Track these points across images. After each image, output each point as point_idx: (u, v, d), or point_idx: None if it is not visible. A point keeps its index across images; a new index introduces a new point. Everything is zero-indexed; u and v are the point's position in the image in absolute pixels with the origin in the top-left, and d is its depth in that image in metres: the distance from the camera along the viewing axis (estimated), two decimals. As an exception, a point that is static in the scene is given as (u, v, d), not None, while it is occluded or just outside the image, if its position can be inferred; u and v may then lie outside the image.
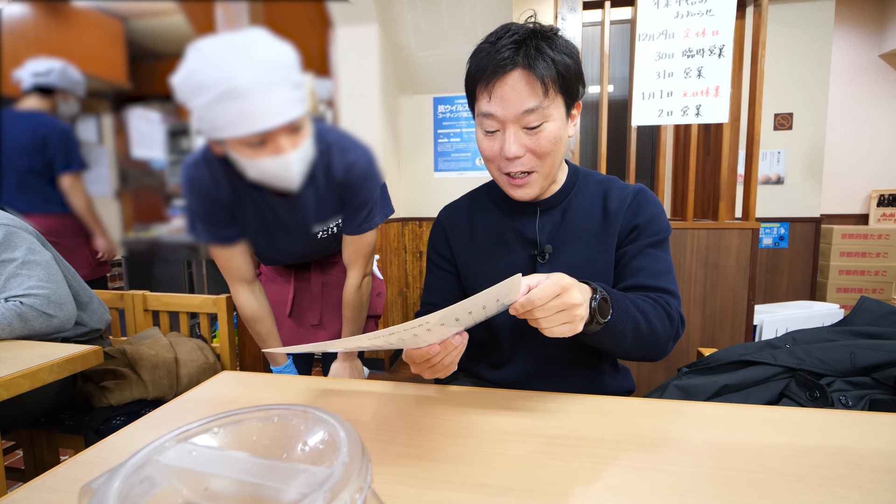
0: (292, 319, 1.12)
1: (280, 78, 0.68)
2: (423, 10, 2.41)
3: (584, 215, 0.76)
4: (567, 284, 0.51)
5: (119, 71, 3.99)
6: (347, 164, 0.87)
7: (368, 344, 0.53)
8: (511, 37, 0.64)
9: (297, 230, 0.93)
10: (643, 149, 2.98)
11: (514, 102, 0.64)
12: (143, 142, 4.85)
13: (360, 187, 0.90)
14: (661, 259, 0.73)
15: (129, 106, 4.02)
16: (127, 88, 4.13)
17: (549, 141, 0.66)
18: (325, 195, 0.90)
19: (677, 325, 0.69)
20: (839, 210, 3.57)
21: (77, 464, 0.49)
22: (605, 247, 0.74)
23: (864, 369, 0.67)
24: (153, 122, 3.57)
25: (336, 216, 0.94)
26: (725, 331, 1.72)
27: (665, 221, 0.75)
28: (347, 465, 0.20)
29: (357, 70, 2.52)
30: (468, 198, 0.87)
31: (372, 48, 2.47)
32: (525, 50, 0.63)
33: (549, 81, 0.63)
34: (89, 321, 1.21)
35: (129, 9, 3.88)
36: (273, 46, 0.70)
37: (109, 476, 0.21)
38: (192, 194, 0.86)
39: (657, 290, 0.71)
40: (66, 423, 1.14)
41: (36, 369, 0.79)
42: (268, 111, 0.68)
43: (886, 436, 0.51)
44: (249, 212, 0.90)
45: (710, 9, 1.55)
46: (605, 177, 0.80)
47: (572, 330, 0.53)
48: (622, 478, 0.44)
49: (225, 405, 0.66)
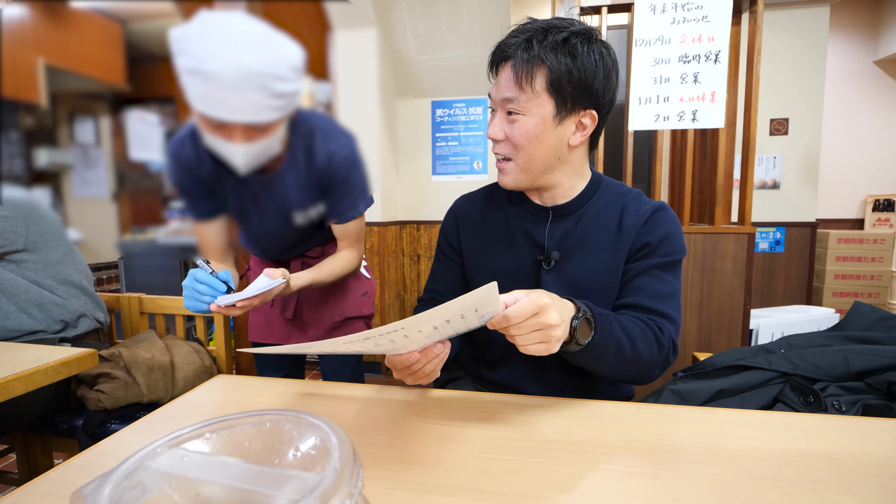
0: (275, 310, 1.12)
1: (255, 83, 0.67)
2: (421, 14, 2.42)
3: (599, 227, 0.74)
4: (545, 304, 0.50)
5: (118, 73, 3.99)
6: (330, 150, 0.87)
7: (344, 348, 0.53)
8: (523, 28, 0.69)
9: (275, 212, 0.93)
10: (640, 153, 2.99)
11: (501, 89, 0.69)
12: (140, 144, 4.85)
13: (341, 175, 0.89)
14: (667, 282, 0.70)
15: (127, 108, 4.02)
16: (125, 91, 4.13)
17: (521, 133, 0.68)
18: (306, 180, 0.90)
19: (668, 352, 0.67)
20: (835, 215, 3.59)
21: (70, 468, 0.49)
22: (613, 262, 0.72)
23: (857, 374, 0.67)
24: (151, 124, 3.57)
25: (317, 203, 0.94)
26: (722, 335, 1.72)
27: (679, 244, 0.72)
28: (338, 471, 0.20)
29: (356, 73, 2.52)
30: (486, 191, 0.86)
31: (371, 52, 2.48)
32: (525, 44, 0.66)
33: (522, 75, 0.66)
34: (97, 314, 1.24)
35: (128, 11, 3.89)
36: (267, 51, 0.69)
37: (100, 482, 0.21)
38: (175, 170, 0.89)
39: (654, 312, 0.68)
40: (60, 427, 1.13)
41: (30, 372, 0.78)
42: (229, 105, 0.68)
43: (879, 441, 0.51)
44: (229, 190, 0.91)
45: (706, 15, 1.56)
46: (629, 189, 0.78)
47: (548, 350, 0.52)
48: (616, 483, 0.44)
49: (220, 409, 0.66)
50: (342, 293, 1.11)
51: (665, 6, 1.59)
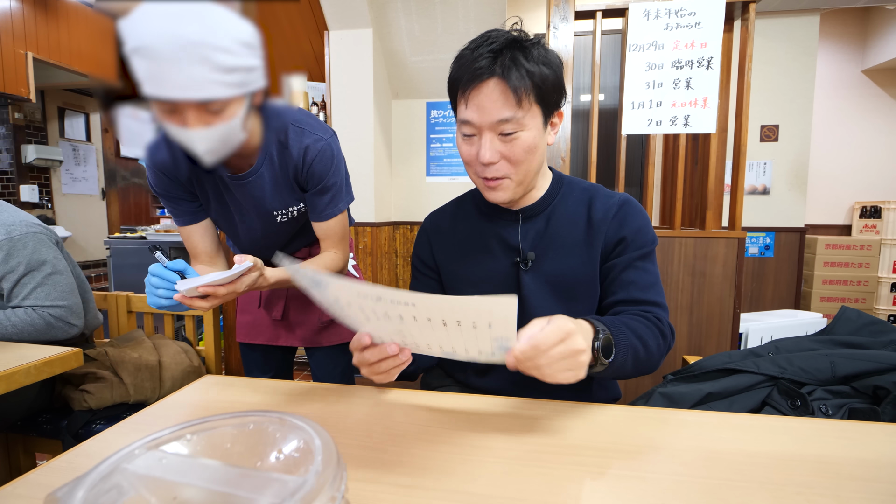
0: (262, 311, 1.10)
1: (193, 55, 0.65)
2: (417, 15, 2.42)
3: (568, 223, 0.76)
4: (571, 329, 0.49)
5: (109, 69, 3.94)
6: (304, 144, 0.86)
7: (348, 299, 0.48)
8: (489, 45, 0.65)
9: (254, 210, 0.92)
10: (633, 157, 3.02)
11: (490, 111, 0.65)
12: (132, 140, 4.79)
13: (318, 170, 0.88)
14: (650, 272, 0.74)
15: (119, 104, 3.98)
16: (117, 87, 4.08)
17: (522, 149, 0.67)
18: (282, 176, 0.89)
19: (669, 339, 0.70)
20: (823, 221, 3.64)
21: (51, 469, 0.48)
22: (588, 256, 0.75)
23: (843, 378, 0.68)
24: (143, 120, 3.52)
25: (295, 198, 0.93)
26: (712, 338, 1.73)
27: (651, 233, 0.76)
28: (320, 473, 0.20)
29: (350, 74, 2.52)
30: (454, 203, 0.87)
31: (366, 52, 2.48)
32: (501, 60, 0.64)
33: (522, 93, 0.64)
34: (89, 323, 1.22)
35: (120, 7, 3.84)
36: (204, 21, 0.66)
37: (75, 484, 0.20)
38: (153, 174, 0.88)
39: (647, 303, 0.71)
40: (43, 427, 1.11)
41: (12, 371, 0.77)
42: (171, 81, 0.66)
43: (864, 444, 0.51)
44: (208, 191, 0.90)
45: (699, 21, 1.58)
46: (590, 185, 0.80)
47: (576, 377, 0.51)
48: (606, 486, 0.44)
49: (207, 410, 0.65)
50: None
51: (659, 12, 1.60)
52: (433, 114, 2.85)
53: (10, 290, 1.05)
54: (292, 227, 0.99)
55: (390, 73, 2.72)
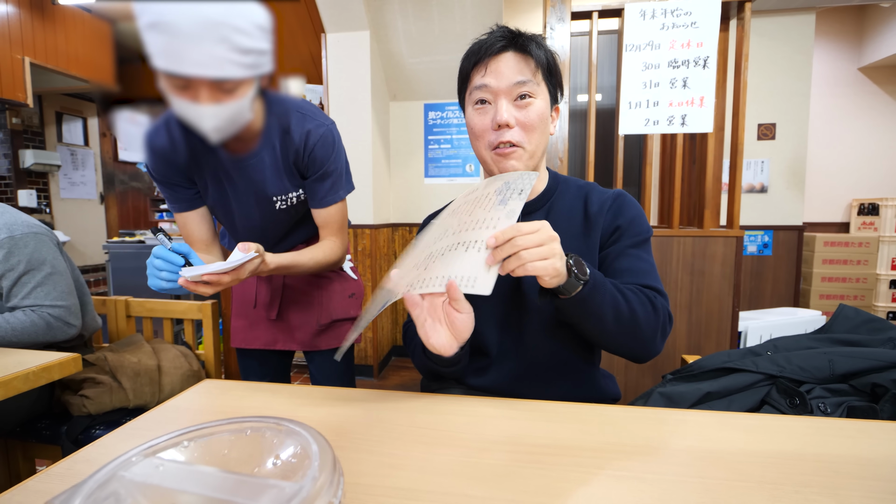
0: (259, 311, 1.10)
1: (215, 34, 0.66)
2: (414, 17, 2.43)
3: (567, 218, 0.78)
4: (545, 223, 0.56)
5: (106, 73, 3.94)
6: (306, 129, 0.87)
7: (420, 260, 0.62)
8: (503, 30, 0.73)
9: (252, 196, 0.92)
10: (630, 157, 3.02)
11: (507, 75, 0.70)
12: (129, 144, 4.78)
13: (319, 155, 0.89)
14: (645, 259, 0.75)
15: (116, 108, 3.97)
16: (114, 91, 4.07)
17: (536, 115, 0.71)
18: (283, 160, 0.89)
19: (664, 319, 0.69)
20: (821, 218, 3.65)
21: (49, 476, 0.48)
22: (587, 248, 0.77)
23: (842, 376, 0.68)
24: (140, 124, 3.53)
25: (295, 184, 0.93)
26: (711, 337, 1.73)
27: (645, 223, 0.77)
28: (317, 479, 0.20)
29: (348, 76, 2.52)
30: None
31: (363, 55, 2.48)
32: (517, 40, 0.71)
33: (535, 65, 0.71)
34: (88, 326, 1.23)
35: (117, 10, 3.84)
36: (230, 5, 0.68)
37: (72, 492, 0.20)
38: (151, 158, 0.88)
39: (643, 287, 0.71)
40: (42, 433, 1.11)
41: (10, 378, 0.77)
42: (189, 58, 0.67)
43: (863, 443, 0.51)
44: (206, 176, 0.90)
45: (695, 21, 1.58)
46: (585, 182, 0.83)
47: (553, 268, 0.55)
48: (604, 487, 0.44)
49: (206, 414, 0.65)
50: (328, 294, 1.09)
51: (655, 12, 1.61)
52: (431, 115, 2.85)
53: (9, 289, 1.06)
54: (290, 216, 0.98)
55: (388, 75, 2.72)
